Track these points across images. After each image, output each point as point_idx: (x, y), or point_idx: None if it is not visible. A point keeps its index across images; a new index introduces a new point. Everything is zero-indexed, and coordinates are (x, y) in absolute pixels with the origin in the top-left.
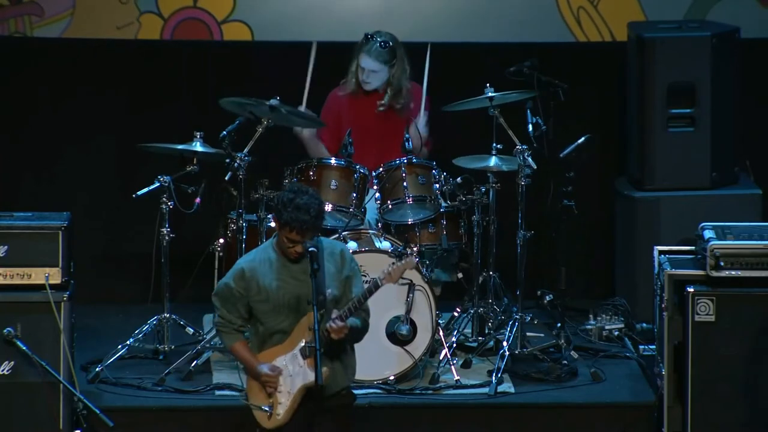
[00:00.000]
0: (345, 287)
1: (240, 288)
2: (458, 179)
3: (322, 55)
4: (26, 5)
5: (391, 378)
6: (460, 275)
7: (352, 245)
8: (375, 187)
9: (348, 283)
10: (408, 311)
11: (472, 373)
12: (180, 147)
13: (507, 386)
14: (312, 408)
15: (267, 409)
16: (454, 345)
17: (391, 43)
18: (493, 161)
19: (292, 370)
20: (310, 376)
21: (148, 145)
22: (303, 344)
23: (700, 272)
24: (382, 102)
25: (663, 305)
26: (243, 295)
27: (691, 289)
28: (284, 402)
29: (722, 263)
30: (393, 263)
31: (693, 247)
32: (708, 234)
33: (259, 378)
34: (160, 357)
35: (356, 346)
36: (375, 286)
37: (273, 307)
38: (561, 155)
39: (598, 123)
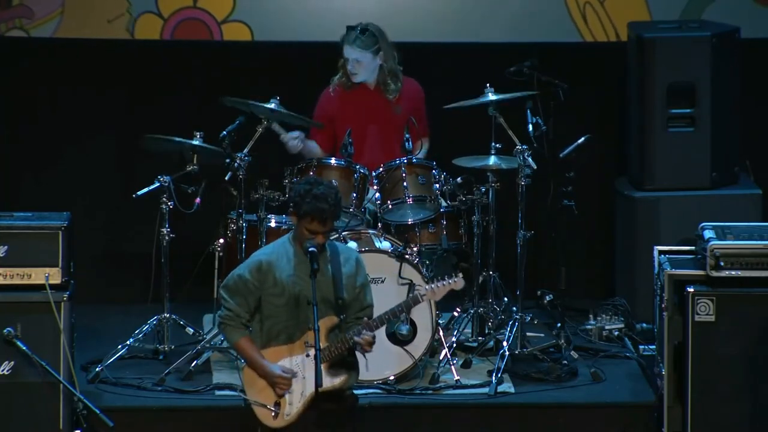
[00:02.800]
0: (359, 294)
1: (255, 280)
2: (458, 179)
3: (322, 55)
4: (16, 8)
5: (391, 378)
6: (460, 275)
7: (352, 245)
8: (375, 187)
9: (362, 290)
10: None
11: (472, 373)
12: (181, 139)
13: (507, 386)
14: (318, 408)
15: (273, 408)
16: (454, 345)
17: (369, 29)
18: (492, 161)
19: (306, 373)
20: (327, 382)
21: (154, 136)
22: (321, 348)
23: (700, 272)
24: (397, 106)
25: (663, 305)
26: (257, 287)
27: (691, 289)
28: (295, 403)
29: (722, 263)
30: (439, 280)
31: (693, 247)
32: (708, 234)
33: (271, 378)
34: (160, 357)
35: None
36: (415, 301)
37: (286, 302)
38: (561, 155)
39: (598, 123)
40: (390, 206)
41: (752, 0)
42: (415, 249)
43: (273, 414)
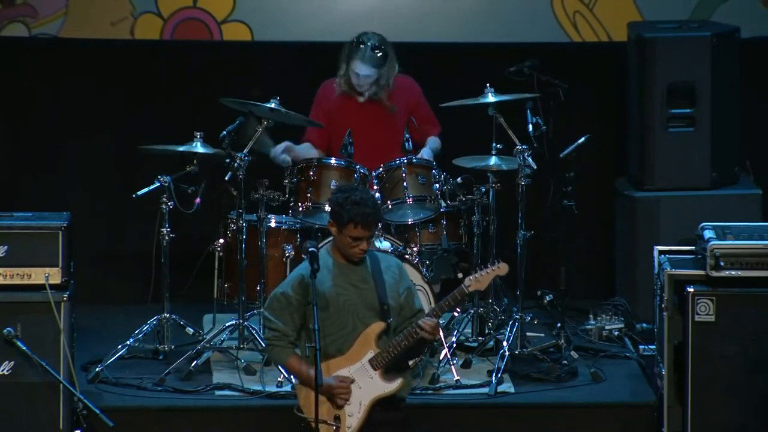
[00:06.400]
0: (406, 299)
1: (298, 295)
2: (458, 179)
3: (322, 55)
4: (19, 7)
5: None
6: (460, 275)
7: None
8: (375, 188)
9: (409, 295)
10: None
11: (472, 373)
12: (180, 149)
13: (507, 386)
14: (374, 420)
15: (334, 423)
16: (454, 345)
17: (382, 46)
18: (493, 161)
19: (361, 382)
20: (384, 388)
21: (148, 147)
22: (372, 355)
23: (700, 272)
24: (392, 105)
25: (663, 305)
26: (301, 303)
27: (691, 289)
28: (355, 414)
29: (722, 263)
30: (483, 269)
31: (693, 247)
32: (708, 234)
33: (329, 390)
34: (160, 357)
35: None
36: (461, 293)
37: (331, 313)
38: (561, 155)
39: (598, 123)
40: (390, 206)
41: (759, 2)
42: (415, 249)
43: (335, 429)
